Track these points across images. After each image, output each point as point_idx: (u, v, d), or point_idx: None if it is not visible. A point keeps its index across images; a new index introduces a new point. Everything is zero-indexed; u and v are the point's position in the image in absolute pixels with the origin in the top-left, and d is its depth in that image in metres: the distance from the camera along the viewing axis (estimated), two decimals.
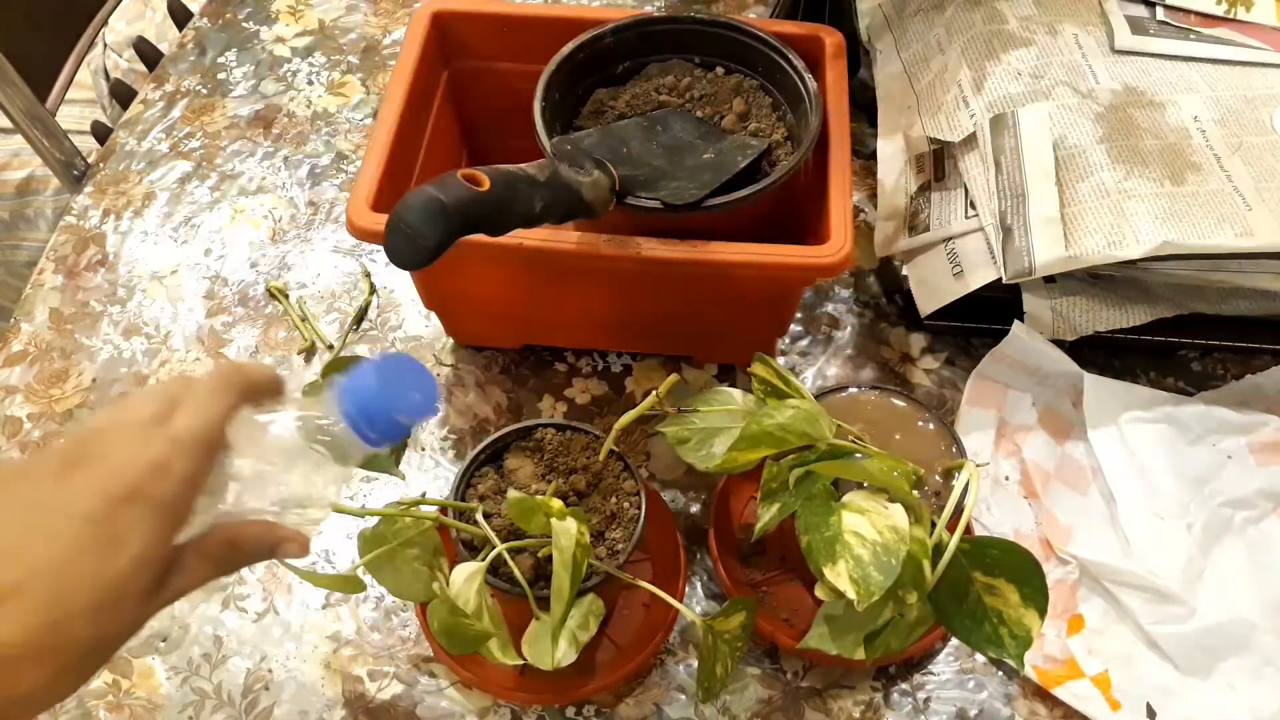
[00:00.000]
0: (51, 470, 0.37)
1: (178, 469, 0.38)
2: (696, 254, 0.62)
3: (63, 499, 0.36)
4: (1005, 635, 0.51)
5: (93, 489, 0.36)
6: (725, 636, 0.56)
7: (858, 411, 0.61)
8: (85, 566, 0.35)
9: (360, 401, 0.42)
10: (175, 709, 0.63)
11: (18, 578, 0.35)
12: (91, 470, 0.37)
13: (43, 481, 0.37)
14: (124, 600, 0.36)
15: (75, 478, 0.37)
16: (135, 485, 0.37)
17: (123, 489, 0.37)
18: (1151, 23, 0.78)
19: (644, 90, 0.73)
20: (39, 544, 0.35)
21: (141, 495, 0.37)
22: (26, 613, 0.34)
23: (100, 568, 0.36)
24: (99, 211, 0.89)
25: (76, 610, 0.35)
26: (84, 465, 0.37)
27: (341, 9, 1.05)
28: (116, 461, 0.37)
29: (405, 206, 0.49)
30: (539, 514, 0.53)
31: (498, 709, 0.63)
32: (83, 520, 0.36)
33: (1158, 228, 0.66)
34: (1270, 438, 0.69)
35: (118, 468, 0.37)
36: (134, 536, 0.36)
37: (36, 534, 0.35)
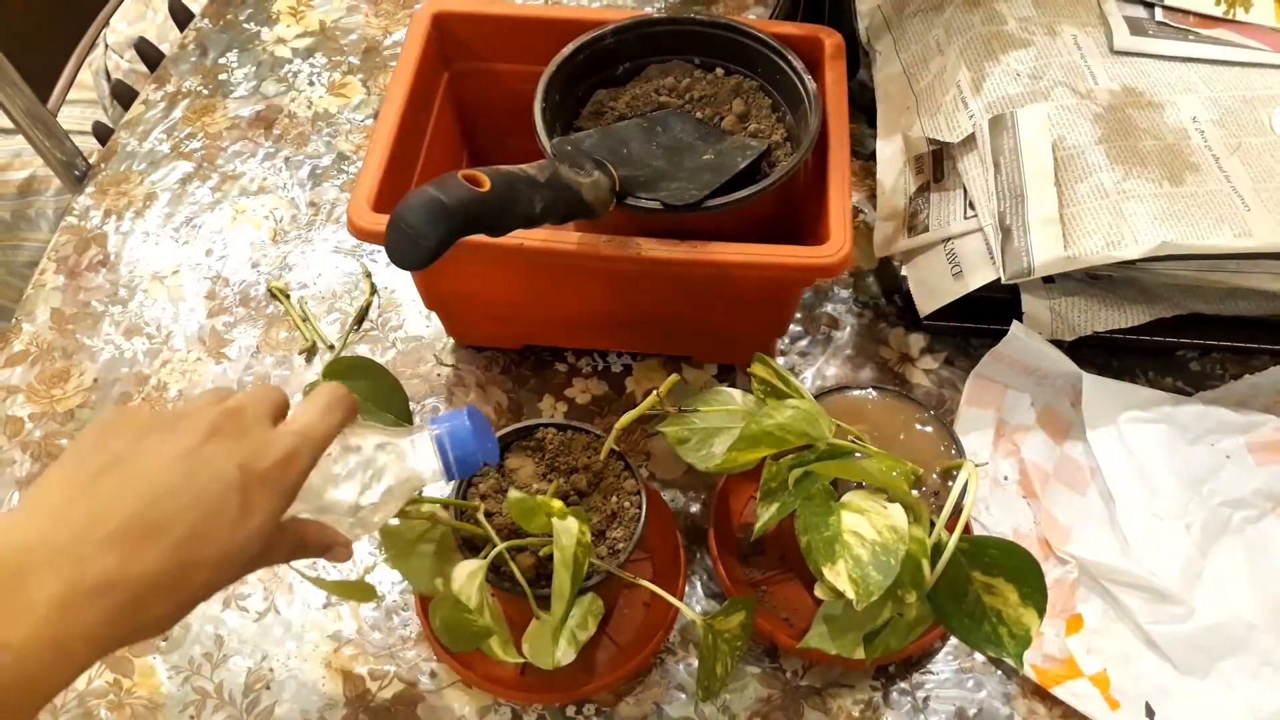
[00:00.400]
0: (203, 433, 0.42)
1: (301, 463, 0.44)
2: (696, 254, 0.62)
3: (212, 462, 0.41)
4: (1004, 634, 0.52)
5: (237, 461, 0.41)
6: (725, 636, 0.57)
7: (857, 411, 0.61)
8: (220, 527, 0.40)
9: (459, 444, 0.50)
10: (176, 708, 0.63)
11: (167, 517, 0.39)
12: (236, 445, 0.42)
13: (196, 439, 0.41)
14: (236, 561, 0.41)
15: (224, 446, 0.42)
16: (270, 469, 0.42)
17: (261, 469, 0.42)
18: (1150, 23, 0.78)
19: (644, 91, 0.74)
20: (187, 496, 0.40)
21: (273, 478, 0.42)
22: (167, 551, 0.39)
23: (231, 531, 0.41)
24: (100, 212, 0.89)
25: (203, 560, 0.40)
26: (230, 439, 0.42)
27: (342, 10, 1.05)
28: (258, 443, 0.43)
29: (406, 207, 0.49)
30: (540, 514, 0.53)
31: (498, 708, 0.63)
32: (226, 487, 0.41)
33: (1156, 228, 0.66)
34: (1269, 438, 0.69)
35: (259, 449, 0.42)
36: (260, 511, 0.42)
37: (187, 486, 0.40)
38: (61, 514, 0.39)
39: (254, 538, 0.41)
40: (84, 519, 0.38)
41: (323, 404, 0.46)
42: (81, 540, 0.38)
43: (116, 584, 0.37)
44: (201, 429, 0.42)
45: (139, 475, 0.40)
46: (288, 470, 0.43)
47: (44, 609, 0.36)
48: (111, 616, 0.37)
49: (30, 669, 0.35)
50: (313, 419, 0.45)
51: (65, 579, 0.37)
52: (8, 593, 0.36)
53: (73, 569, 0.37)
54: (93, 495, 0.39)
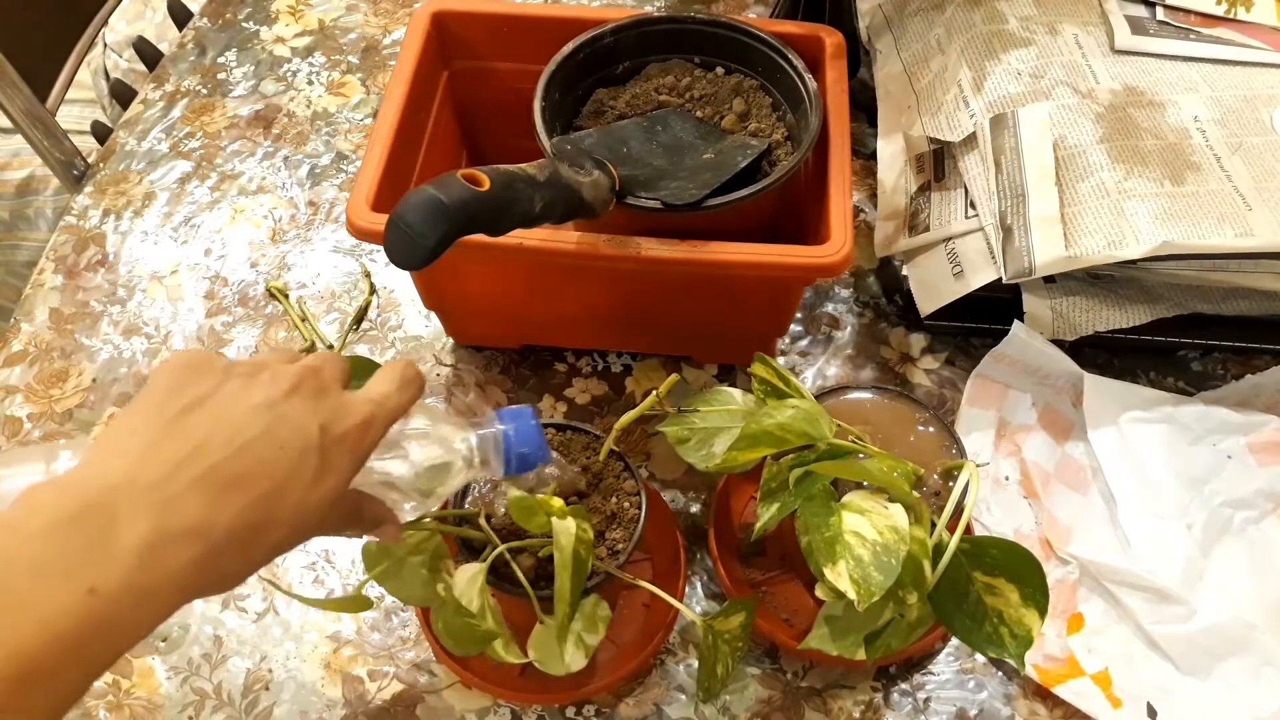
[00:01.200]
0: (284, 388, 0.41)
1: (375, 432, 0.43)
2: (696, 254, 0.62)
3: (294, 417, 0.40)
4: (1005, 635, 0.51)
5: (319, 421, 0.41)
6: (725, 636, 0.56)
7: (858, 411, 0.61)
8: (299, 485, 0.39)
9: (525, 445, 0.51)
10: (175, 709, 0.63)
11: (252, 467, 0.38)
12: (317, 403, 0.41)
13: (277, 392, 0.41)
14: (306, 524, 0.40)
15: (306, 403, 0.41)
16: (348, 431, 0.42)
17: (339, 431, 0.41)
18: (1151, 23, 0.78)
19: (644, 90, 0.73)
20: (271, 449, 0.39)
21: (350, 441, 0.42)
22: (250, 503, 0.38)
23: (306, 491, 0.40)
24: (99, 211, 0.89)
25: (279, 520, 0.39)
26: (310, 396, 0.41)
27: (341, 9, 1.05)
28: (337, 405, 0.42)
29: (405, 206, 0.49)
30: (540, 513, 0.53)
31: (498, 709, 0.63)
32: (306, 444, 0.40)
33: (1158, 228, 0.66)
34: (1270, 438, 0.69)
35: (339, 411, 0.42)
36: (335, 474, 0.41)
37: (270, 439, 0.39)
38: (147, 453, 0.37)
39: (326, 500, 0.41)
40: (172, 459, 0.37)
41: (399, 378, 0.46)
42: (170, 481, 0.37)
43: (202, 531, 0.37)
44: (283, 383, 0.41)
45: (224, 421, 0.39)
46: (364, 436, 0.42)
47: (132, 555, 0.35)
48: (195, 565, 0.36)
49: (116, 615, 0.34)
50: (389, 390, 0.45)
51: (154, 521, 0.36)
52: (97, 535, 0.35)
53: (161, 511, 0.36)
54: (178, 435, 0.38)
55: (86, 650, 0.34)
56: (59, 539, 0.34)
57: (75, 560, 0.34)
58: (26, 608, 0.33)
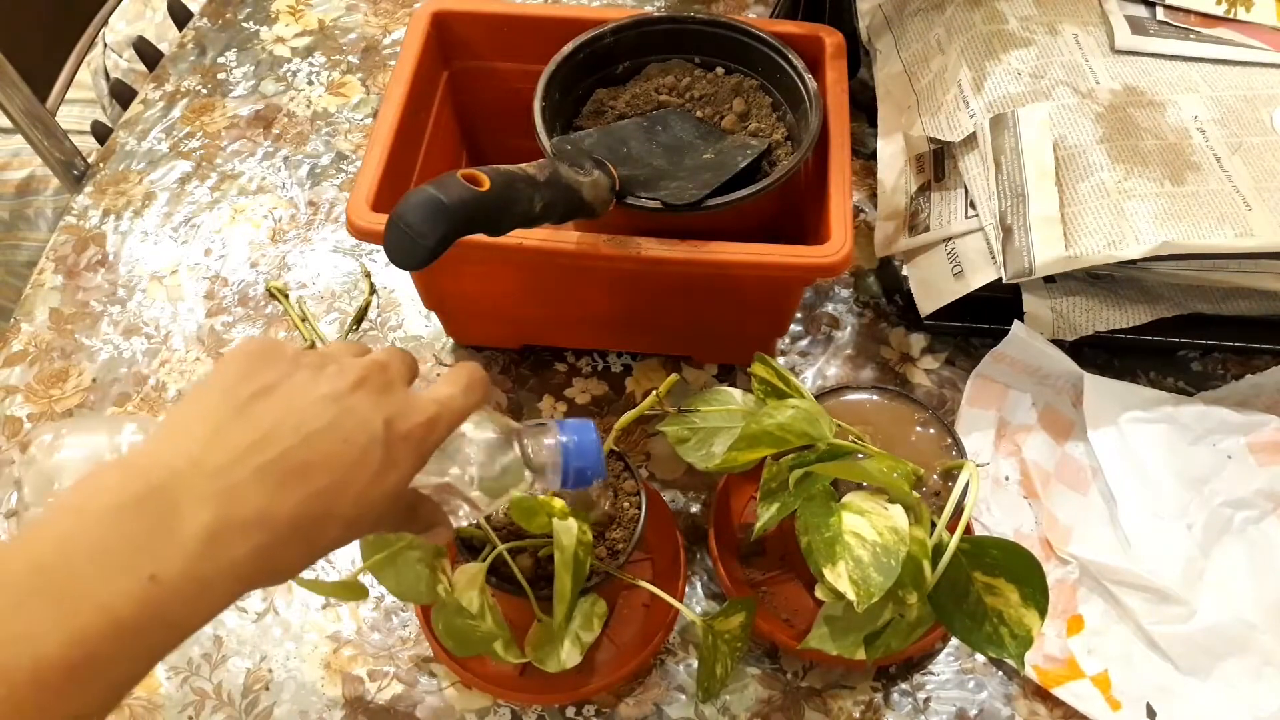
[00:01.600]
0: (351, 381, 0.41)
1: (439, 431, 0.43)
2: (696, 254, 0.62)
3: (360, 411, 0.40)
4: (1005, 635, 0.51)
5: (384, 415, 0.40)
6: (725, 636, 0.56)
7: (858, 412, 0.61)
8: (361, 479, 0.39)
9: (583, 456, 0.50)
10: (175, 709, 0.63)
11: (317, 459, 0.38)
12: (383, 399, 0.41)
13: (344, 385, 0.40)
14: (367, 519, 0.40)
15: (371, 398, 0.40)
16: (412, 428, 0.41)
17: (405, 428, 0.41)
18: (1151, 23, 0.78)
19: (644, 90, 0.73)
20: (336, 441, 0.39)
21: (414, 438, 0.41)
22: (312, 495, 0.37)
23: (369, 486, 0.39)
24: (99, 211, 0.89)
25: (340, 514, 0.38)
26: (377, 391, 0.41)
27: (341, 9, 1.05)
28: (403, 402, 0.41)
29: (405, 206, 0.49)
30: (541, 514, 0.53)
31: (498, 709, 0.63)
32: (371, 439, 0.39)
33: (1158, 228, 0.66)
34: (1270, 438, 0.69)
35: (405, 408, 0.41)
36: (399, 469, 0.40)
37: (335, 431, 0.39)
38: (212, 439, 0.37)
39: (388, 496, 0.40)
40: (238, 446, 0.37)
41: (465, 381, 0.45)
42: (235, 468, 0.36)
43: (265, 521, 0.36)
44: (350, 376, 0.41)
45: (291, 410, 0.38)
46: (429, 434, 0.42)
47: (194, 543, 0.34)
48: (256, 555, 0.36)
49: (177, 603, 0.34)
50: (454, 392, 0.44)
51: (217, 509, 0.35)
52: (160, 522, 0.34)
53: (225, 498, 0.36)
54: (245, 423, 0.37)
55: (145, 637, 0.34)
56: (122, 523, 0.34)
57: (138, 546, 0.34)
58: (87, 592, 0.33)
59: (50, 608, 0.32)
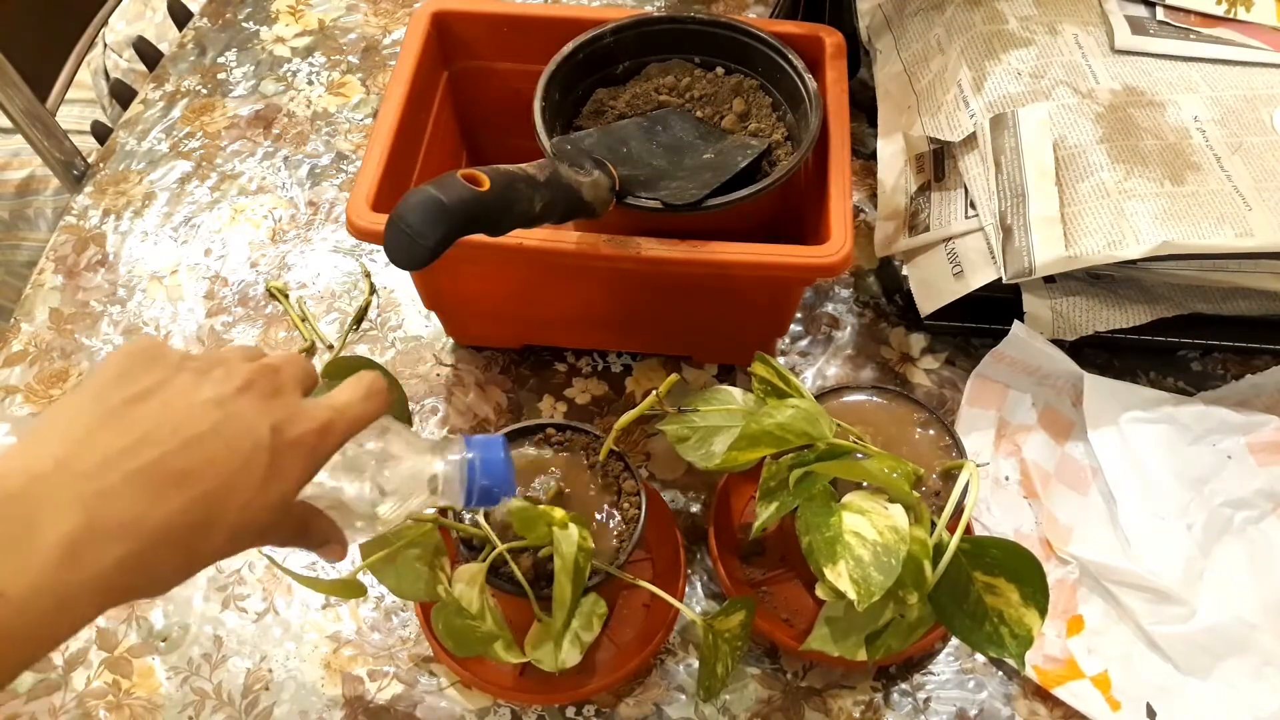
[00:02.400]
0: (237, 384, 0.39)
1: (333, 439, 0.41)
2: (696, 254, 0.62)
3: (245, 416, 0.38)
4: (1006, 635, 0.51)
5: (270, 421, 0.38)
6: (725, 635, 0.56)
7: (858, 411, 0.61)
8: (246, 486, 0.37)
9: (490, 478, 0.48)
10: (175, 709, 0.63)
11: (196, 464, 0.36)
12: (270, 404, 0.39)
13: (229, 389, 0.39)
14: (251, 529, 0.38)
15: (258, 403, 0.39)
16: (304, 435, 0.39)
17: (294, 435, 0.39)
18: (1151, 23, 0.78)
19: (644, 90, 0.73)
20: (218, 446, 0.37)
21: (305, 445, 0.39)
22: (186, 507, 0.36)
23: (254, 494, 0.38)
24: (99, 211, 0.89)
25: (222, 523, 0.37)
26: (264, 396, 0.39)
27: (341, 9, 1.05)
28: (293, 407, 0.40)
29: (405, 206, 0.49)
30: (541, 523, 0.53)
31: (498, 709, 0.63)
32: (256, 445, 0.38)
33: (1158, 228, 0.66)
34: (1270, 438, 0.69)
35: (294, 414, 0.40)
36: (286, 478, 0.39)
37: (218, 436, 0.37)
38: (84, 441, 0.35)
39: (274, 505, 0.38)
40: (110, 450, 0.35)
41: (364, 388, 0.43)
42: (105, 472, 0.34)
43: (134, 527, 0.34)
44: (236, 380, 0.39)
45: (170, 414, 0.37)
46: (320, 443, 0.40)
47: (53, 552, 0.32)
48: (124, 564, 0.34)
49: (29, 620, 0.32)
50: (351, 399, 0.42)
51: (81, 516, 0.33)
52: (15, 531, 0.32)
53: (91, 504, 0.34)
54: (119, 425, 0.36)
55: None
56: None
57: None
58: None
59: None
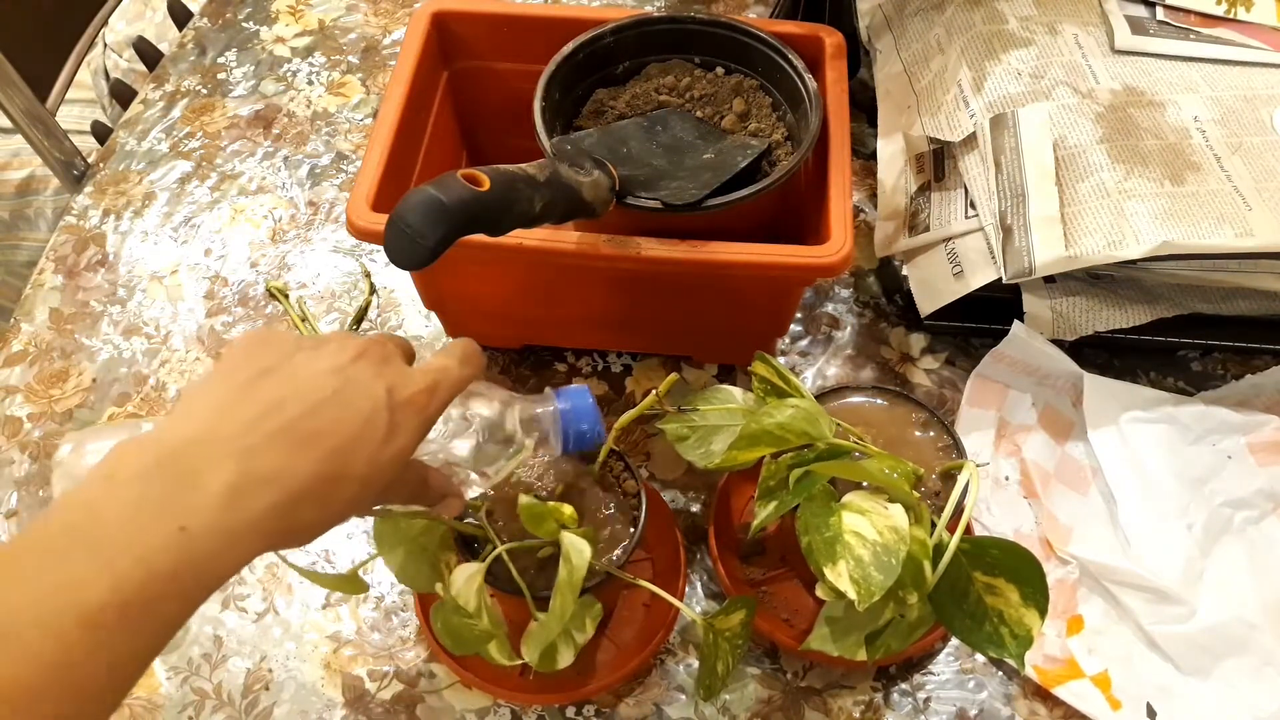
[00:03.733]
0: (350, 355, 0.43)
1: (440, 397, 0.45)
2: (696, 254, 0.62)
3: (361, 380, 0.42)
4: (1006, 635, 0.51)
5: (385, 384, 0.43)
6: (726, 634, 0.56)
7: (858, 411, 0.61)
8: (369, 442, 0.41)
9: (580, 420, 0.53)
10: (175, 709, 0.63)
11: (325, 424, 0.41)
12: (383, 369, 0.43)
13: (344, 359, 0.43)
14: (379, 481, 0.42)
15: (372, 368, 0.43)
16: (415, 395, 0.44)
17: (406, 394, 0.43)
18: (1151, 23, 0.78)
19: (644, 90, 0.73)
20: (340, 408, 0.41)
21: (417, 405, 0.44)
22: (324, 456, 0.40)
23: (377, 449, 0.42)
24: (99, 211, 0.89)
25: (352, 475, 0.41)
26: (376, 363, 0.44)
27: (341, 9, 1.05)
28: (402, 371, 0.44)
29: (405, 206, 0.49)
30: (550, 520, 0.53)
31: (498, 709, 0.63)
32: (375, 405, 0.42)
33: (1158, 228, 0.66)
34: (1270, 438, 0.69)
35: (404, 377, 0.44)
36: (403, 434, 0.43)
37: (339, 399, 0.41)
38: (224, 412, 0.40)
39: (396, 460, 0.42)
40: (249, 416, 0.39)
41: (460, 353, 0.48)
42: (248, 433, 0.39)
43: (282, 478, 0.39)
44: (349, 351, 0.43)
45: (296, 384, 0.41)
46: (430, 401, 0.44)
47: (218, 496, 0.37)
48: (276, 510, 0.38)
49: (204, 554, 0.36)
50: (450, 363, 0.47)
51: (236, 466, 0.38)
52: (183, 480, 0.37)
53: (243, 458, 0.38)
54: (252, 398, 0.40)
55: (180, 585, 0.36)
56: (148, 484, 0.37)
57: (166, 501, 0.37)
58: (123, 545, 0.35)
59: (90, 559, 0.35)
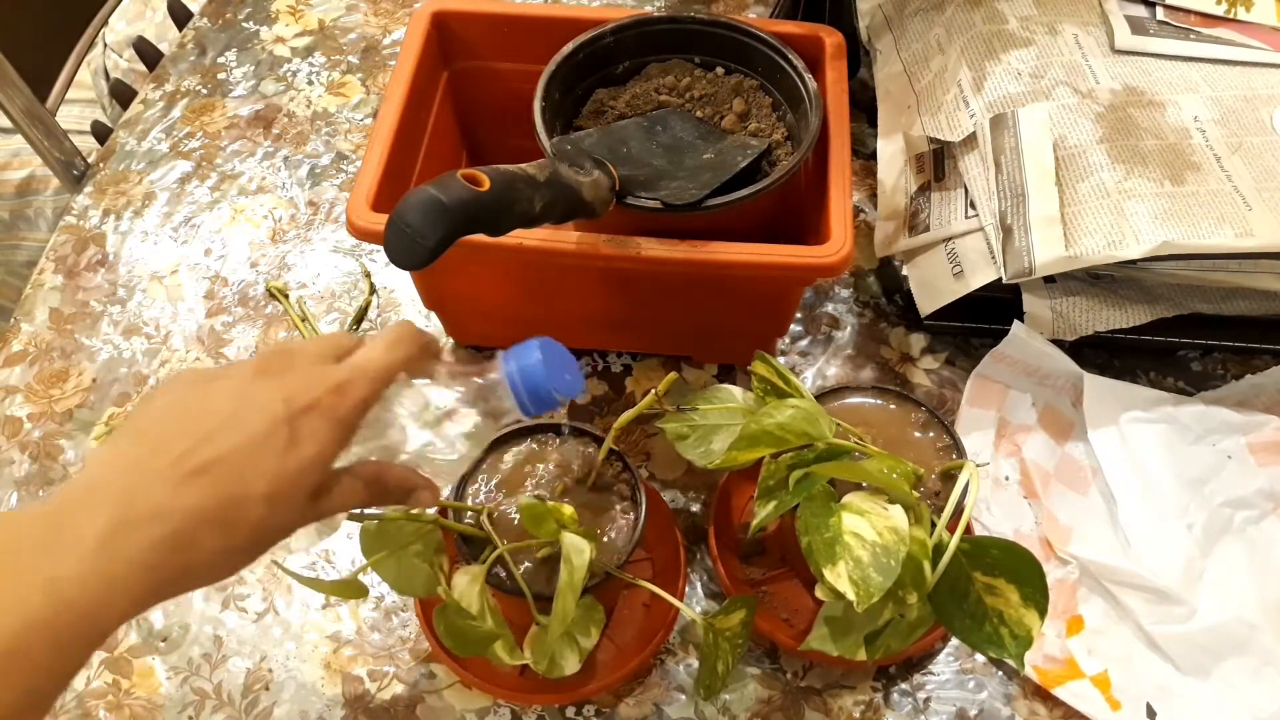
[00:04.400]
0: (248, 375, 0.43)
1: (355, 393, 0.43)
2: (696, 254, 0.62)
3: (257, 397, 0.41)
4: (1005, 635, 0.51)
5: (283, 394, 0.42)
6: (726, 634, 0.56)
7: (858, 411, 0.61)
8: (266, 458, 0.40)
9: (530, 380, 0.48)
10: (175, 709, 0.63)
11: (211, 457, 0.40)
12: (282, 379, 0.42)
13: (241, 380, 0.42)
14: (292, 495, 0.41)
15: (269, 382, 0.42)
16: (318, 398, 0.42)
17: (308, 399, 0.42)
18: (1151, 23, 0.78)
19: (644, 90, 0.73)
20: (233, 431, 0.41)
21: (322, 408, 0.42)
22: (213, 487, 0.39)
23: (278, 463, 0.41)
24: (99, 211, 0.89)
25: (254, 494, 0.40)
26: (276, 375, 0.42)
27: (341, 9, 1.05)
28: (304, 376, 0.43)
29: (405, 206, 0.49)
30: (550, 520, 0.53)
31: (498, 709, 0.63)
32: (271, 419, 0.41)
33: (1158, 228, 0.66)
34: (1270, 438, 0.69)
35: (305, 380, 0.42)
36: (309, 442, 0.41)
37: (232, 422, 0.41)
38: (119, 456, 0.40)
39: (306, 470, 0.41)
40: (140, 458, 0.40)
41: (387, 339, 0.46)
42: (130, 474, 0.39)
43: (165, 513, 0.38)
44: (247, 371, 0.43)
45: (186, 419, 0.41)
46: (339, 400, 0.42)
47: (92, 541, 0.37)
48: (160, 545, 0.38)
49: (82, 602, 0.36)
50: (373, 353, 0.45)
51: (114, 510, 0.38)
52: (57, 529, 0.37)
53: (122, 500, 0.38)
54: (147, 438, 0.41)
55: (58, 634, 0.36)
56: (22, 537, 0.37)
57: (37, 553, 0.37)
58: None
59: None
